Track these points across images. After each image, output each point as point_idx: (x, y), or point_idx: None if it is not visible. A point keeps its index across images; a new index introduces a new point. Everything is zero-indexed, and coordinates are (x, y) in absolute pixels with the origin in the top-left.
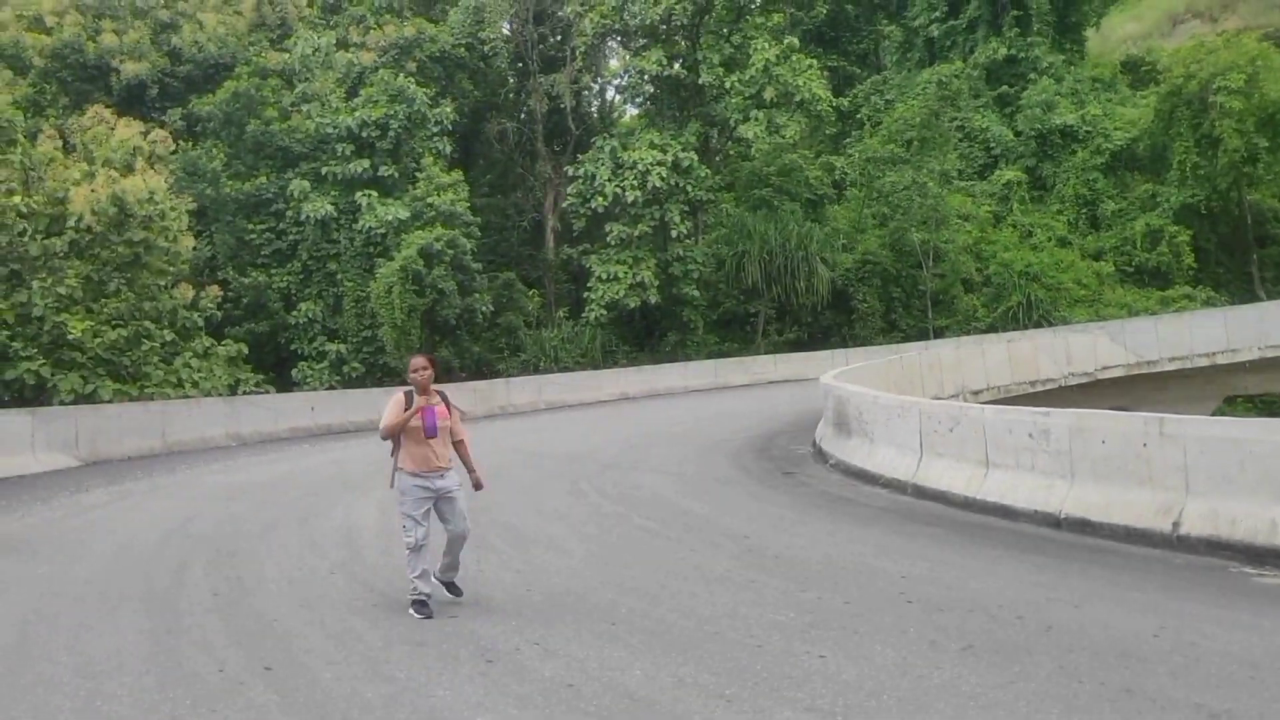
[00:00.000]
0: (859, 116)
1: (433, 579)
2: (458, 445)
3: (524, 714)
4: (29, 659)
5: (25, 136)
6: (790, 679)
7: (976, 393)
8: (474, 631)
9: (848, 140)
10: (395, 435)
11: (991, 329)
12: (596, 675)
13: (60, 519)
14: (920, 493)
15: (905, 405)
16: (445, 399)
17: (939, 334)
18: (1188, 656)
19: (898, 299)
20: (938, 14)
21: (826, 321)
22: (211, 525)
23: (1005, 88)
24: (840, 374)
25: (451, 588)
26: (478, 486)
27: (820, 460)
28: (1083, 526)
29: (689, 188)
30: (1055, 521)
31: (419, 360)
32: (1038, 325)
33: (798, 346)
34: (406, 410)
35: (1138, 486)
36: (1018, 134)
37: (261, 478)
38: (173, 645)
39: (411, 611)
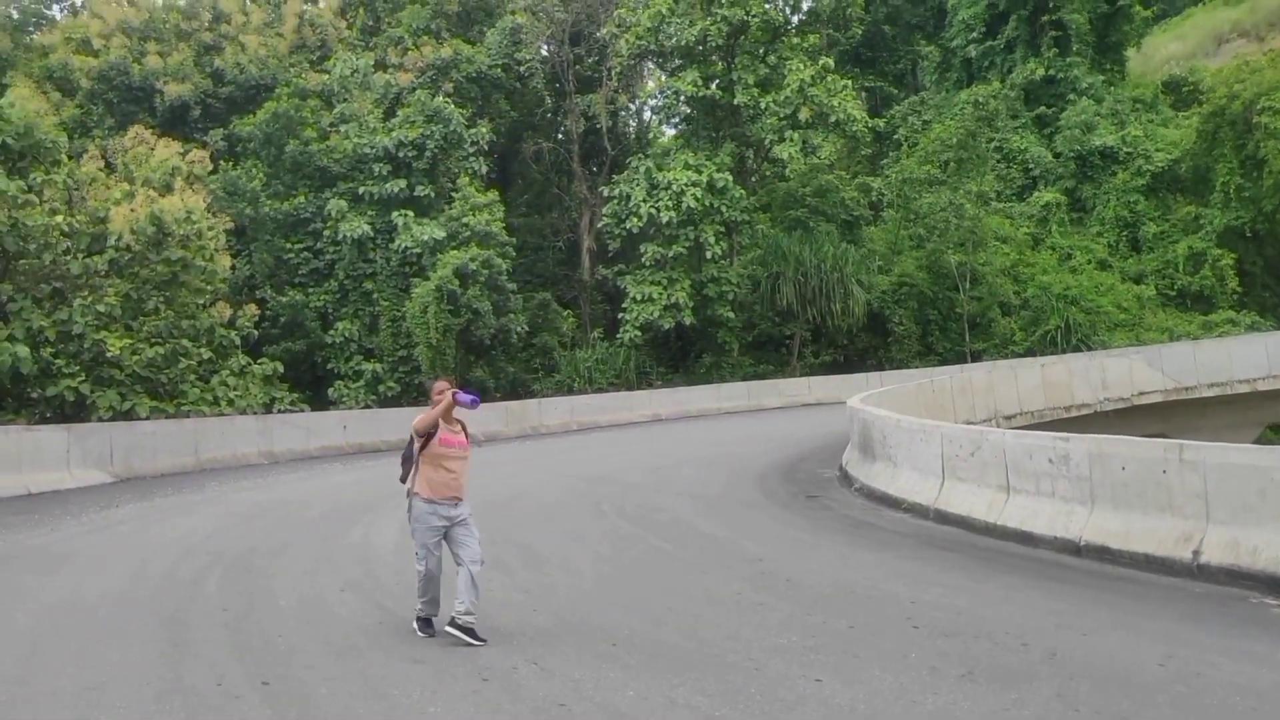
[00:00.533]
0: (896, 137)
1: (453, 627)
2: None
3: None
4: (37, 669)
5: (69, 157)
6: (782, 702)
7: (1009, 417)
8: (474, 650)
9: (884, 161)
10: (429, 433)
11: (1029, 353)
12: (590, 695)
13: (87, 533)
14: (942, 518)
15: (927, 429)
16: (464, 426)
17: (976, 357)
18: (1191, 687)
19: (934, 321)
20: (975, 34)
21: (862, 344)
22: (232, 542)
23: (1043, 108)
24: (867, 397)
25: (472, 634)
26: None
27: (846, 484)
28: (1102, 554)
29: (724, 208)
30: (1075, 548)
31: (442, 384)
32: (1076, 349)
33: (833, 369)
34: (439, 415)
35: (1158, 514)
36: (1057, 155)
37: (289, 496)
38: (176, 659)
39: (415, 628)
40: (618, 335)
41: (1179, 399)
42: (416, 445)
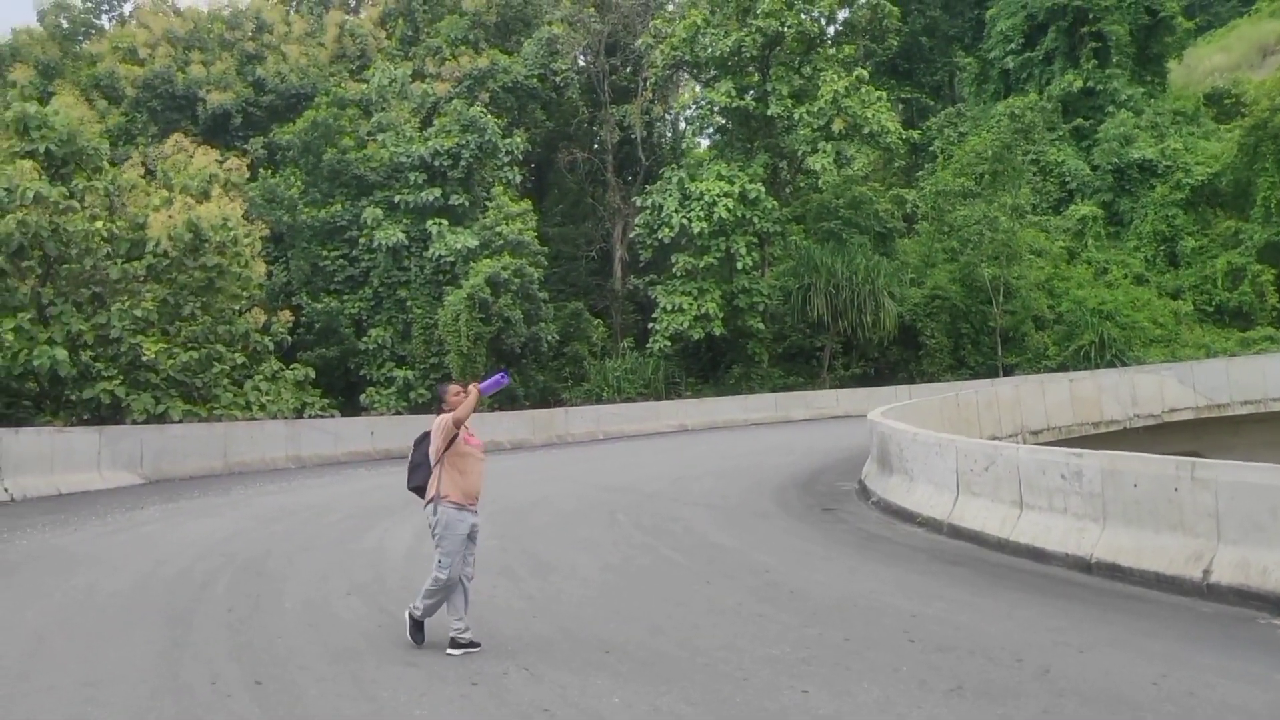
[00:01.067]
0: (932, 149)
1: (455, 648)
2: None
3: None
4: (40, 666)
5: (111, 163)
6: (765, 711)
7: (1036, 433)
8: (469, 655)
9: (920, 173)
10: (461, 425)
11: (1062, 368)
12: (575, 701)
13: (110, 534)
14: (956, 532)
15: (942, 443)
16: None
17: (1008, 371)
18: (1181, 706)
19: (967, 335)
20: (1014, 46)
21: (894, 357)
22: (249, 544)
23: (1081, 120)
24: (888, 410)
25: (472, 644)
26: None
27: (864, 497)
28: (1113, 571)
29: (756, 219)
30: (1086, 565)
31: (455, 386)
32: (1110, 365)
33: (864, 381)
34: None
35: (1169, 532)
36: (1094, 168)
37: (311, 500)
38: (176, 658)
39: (409, 636)
40: (647, 345)
41: (1212, 416)
42: (438, 446)
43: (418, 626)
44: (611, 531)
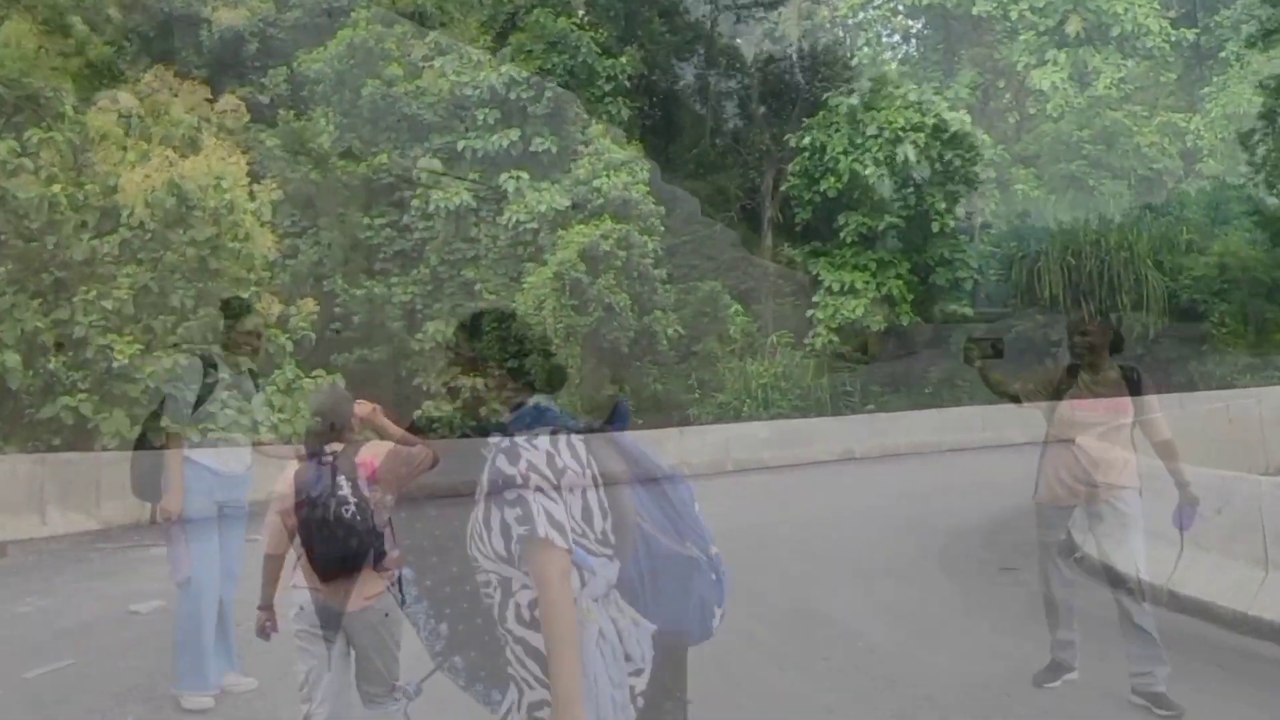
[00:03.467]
0: (1224, 55)
1: None
2: None
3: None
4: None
5: (75, 109)
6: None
7: None
8: None
9: (1207, 88)
10: None
11: None
12: None
13: None
14: (1176, 602)
15: (1157, 476)
16: None
17: None
18: None
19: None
20: None
21: (1163, 354)
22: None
23: None
24: (1108, 431)
25: None
26: None
27: (1067, 552)
28: None
29: (959, 161)
30: None
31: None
32: None
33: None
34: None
35: None
36: None
37: None
38: None
39: None
40: (807, 341)
41: None
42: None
43: None
44: None
